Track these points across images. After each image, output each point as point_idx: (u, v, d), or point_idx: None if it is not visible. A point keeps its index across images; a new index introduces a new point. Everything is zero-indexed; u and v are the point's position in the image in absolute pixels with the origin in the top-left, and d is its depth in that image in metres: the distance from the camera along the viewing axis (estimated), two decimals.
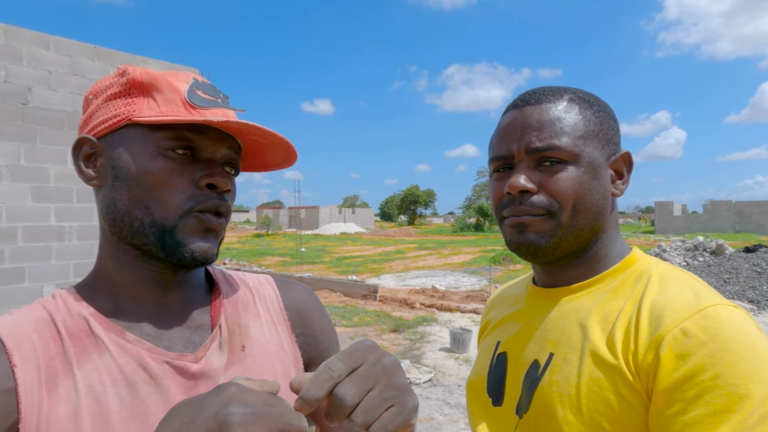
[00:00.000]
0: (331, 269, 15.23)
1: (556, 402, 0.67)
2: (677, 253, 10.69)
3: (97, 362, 0.55)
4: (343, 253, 20.82)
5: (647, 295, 0.66)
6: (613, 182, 0.76)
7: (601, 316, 0.69)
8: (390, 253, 20.53)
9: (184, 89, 0.62)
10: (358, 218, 53.86)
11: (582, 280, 0.75)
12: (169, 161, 0.59)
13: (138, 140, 0.60)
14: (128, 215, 0.60)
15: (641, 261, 0.74)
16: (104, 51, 6.14)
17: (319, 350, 0.76)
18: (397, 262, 17.37)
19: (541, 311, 0.77)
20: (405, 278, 13.14)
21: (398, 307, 8.85)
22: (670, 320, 0.61)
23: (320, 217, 48.95)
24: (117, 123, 0.61)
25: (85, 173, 0.64)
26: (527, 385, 0.72)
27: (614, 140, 0.76)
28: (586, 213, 0.72)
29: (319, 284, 10.66)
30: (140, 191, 0.59)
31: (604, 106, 0.77)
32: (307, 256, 18.81)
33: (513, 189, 0.72)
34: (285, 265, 16.14)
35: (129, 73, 0.62)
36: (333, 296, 9.79)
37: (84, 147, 0.63)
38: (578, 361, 0.67)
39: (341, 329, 7.11)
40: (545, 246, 0.72)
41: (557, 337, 0.72)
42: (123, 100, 0.62)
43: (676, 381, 0.58)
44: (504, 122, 0.78)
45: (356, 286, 10.06)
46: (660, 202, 35.87)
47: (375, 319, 7.68)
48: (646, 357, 0.61)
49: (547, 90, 0.77)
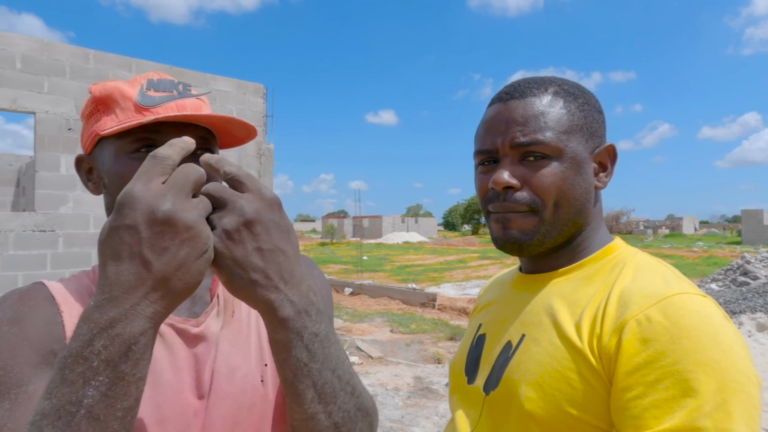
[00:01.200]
0: (391, 277, 15.35)
1: (520, 380, 0.69)
2: (763, 265, 9.85)
3: None
4: (405, 262, 20.88)
5: (618, 283, 0.68)
6: (596, 175, 0.77)
7: (573, 301, 0.71)
8: (451, 263, 20.35)
9: (134, 94, 0.67)
10: (421, 227, 53.74)
11: (562, 266, 0.77)
12: (137, 161, 0.65)
13: (109, 150, 0.67)
14: None
15: (619, 251, 0.76)
16: (179, 71, 6.65)
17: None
18: (458, 271, 17.20)
19: (521, 296, 0.80)
20: (465, 287, 13.00)
21: (457, 315, 8.78)
22: (637, 306, 0.62)
23: (383, 226, 49.34)
24: (93, 140, 0.69)
25: (88, 186, 0.73)
26: (498, 365, 0.75)
27: (598, 133, 0.77)
28: (569, 208, 0.73)
29: (378, 291, 10.79)
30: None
31: (589, 99, 0.77)
32: (368, 265, 19.05)
33: (497, 185, 0.73)
34: (347, 272, 16.45)
35: (92, 92, 0.69)
36: (392, 303, 9.88)
37: (83, 164, 0.72)
38: (546, 343, 0.69)
39: (398, 335, 7.18)
40: (528, 242, 0.74)
41: (530, 320, 0.74)
42: (94, 118, 0.69)
43: (637, 365, 0.59)
44: (489, 115, 0.78)
45: (415, 294, 10.09)
46: (748, 210, 33.02)
47: (432, 327, 7.68)
48: (610, 341, 0.62)
49: (532, 82, 0.77)
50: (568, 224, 0.74)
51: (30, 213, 5.43)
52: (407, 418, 4.20)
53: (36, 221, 5.38)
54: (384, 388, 4.93)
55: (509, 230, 0.75)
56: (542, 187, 0.72)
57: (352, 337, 6.95)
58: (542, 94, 0.75)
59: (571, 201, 0.73)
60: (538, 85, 0.76)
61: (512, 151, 0.74)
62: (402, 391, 4.87)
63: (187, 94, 0.70)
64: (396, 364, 5.74)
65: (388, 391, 4.85)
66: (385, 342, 6.81)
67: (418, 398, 4.67)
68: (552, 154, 0.72)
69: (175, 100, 0.68)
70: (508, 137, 0.73)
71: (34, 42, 5.40)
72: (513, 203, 0.73)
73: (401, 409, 4.39)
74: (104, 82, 0.70)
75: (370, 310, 9.16)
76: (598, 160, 0.77)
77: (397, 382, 5.10)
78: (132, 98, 0.67)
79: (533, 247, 0.75)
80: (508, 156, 0.74)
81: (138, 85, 0.68)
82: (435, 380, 5.16)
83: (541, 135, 0.72)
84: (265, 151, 7.44)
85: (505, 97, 0.77)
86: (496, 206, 0.76)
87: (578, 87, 0.78)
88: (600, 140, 0.77)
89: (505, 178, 0.73)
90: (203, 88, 6.80)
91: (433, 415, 4.26)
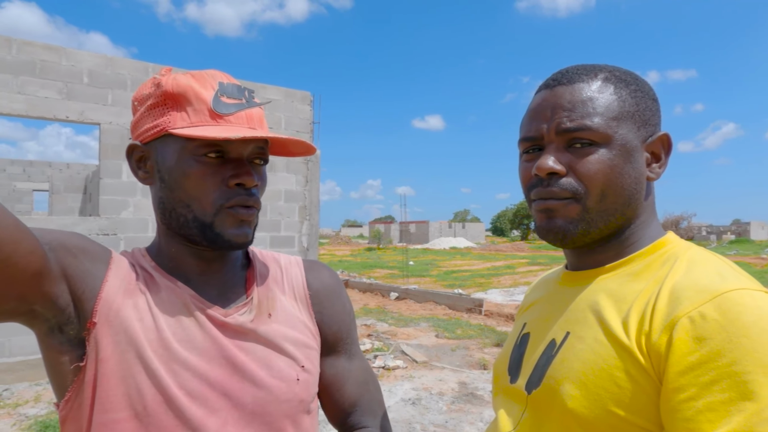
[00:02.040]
0: (437, 282, 15.25)
1: (563, 378, 0.67)
2: None
3: (155, 296, 0.71)
4: (451, 267, 20.71)
5: (670, 277, 0.64)
6: (648, 165, 0.73)
7: (620, 297, 0.67)
8: (499, 268, 20.00)
9: (209, 98, 0.69)
10: (468, 233, 53.12)
11: (609, 262, 0.73)
12: (203, 165, 0.68)
13: (175, 148, 0.69)
14: (174, 212, 0.71)
15: (672, 245, 0.71)
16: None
17: (332, 330, 0.84)
18: (506, 277, 16.87)
19: (567, 293, 0.77)
20: (513, 293, 12.74)
21: (504, 321, 8.62)
22: (689, 302, 0.58)
23: (430, 231, 49.13)
24: (157, 132, 0.70)
25: (138, 174, 0.74)
26: (542, 364, 0.73)
27: (651, 121, 0.73)
28: (616, 198, 0.70)
29: (424, 296, 10.76)
30: (181, 192, 0.69)
31: (642, 85, 0.73)
32: (414, 270, 19.02)
33: (541, 171, 0.71)
34: (393, 277, 16.49)
35: (162, 86, 0.70)
36: (438, 309, 9.82)
37: (135, 152, 0.73)
38: (591, 340, 0.66)
39: (444, 341, 7.13)
40: (573, 232, 0.71)
41: (575, 317, 0.71)
42: (160, 110, 0.70)
43: (690, 365, 0.55)
44: (535, 102, 0.76)
45: (461, 300, 9.99)
46: None
47: (478, 333, 7.57)
48: (660, 339, 0.58)
49: (581, 69, 0.74)
50: (615, 215, 0.71)
51: (95, 217, 5.80)
52: (451, 423, 4.17)
53: (100, 225, 5.73)
54: (428, 392, 4.91)
55: (553, 219, 0.72)
56: (588, 174, 0.69)
57: (397, 341, 6.96)
58: (591, 80, 0.71)
59: (619, 190, 0.70)
60: (587, 71, 0.73)
61: (558, 137, 0.71)
62: (446, 395, 4.83)
63: (253, 103, 0.72)
64: (441, 369, 5.70)
65: (432, 395, 4.83)
66: (430, 347, 6.78)
67: (462, 403, 4.62)
68: (600, 140, 0.69)
69: (244, 109, 0.71)
70: (554, 123, 0.71)
71: (99, 57, 5.78)
72: (557, 189, 0.71)
73: (445, 414, 4.36)
74: (175, 76, 0.71)
75: (416, 315, 9.14)
76: (650, 150, 0.73)
77: (442, 387, 5.07)
78: (207, 102, 0.68)
79: (578, 238, 0.72)
80: (554, 142, 0.71)
81: (210, 88, 0.70)
82: (480, 386, 5.09)
83: (588, 120, 0.69)
84: (311, 157, 7.60)
85: (552, 83, 0.74)
86: (538, 192, 0.73)
87: (630, 74, 0.74)
88: (653, 129, 0.73)
89: (549, 164, 0.70)
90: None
91: (477, 421, 4.21)
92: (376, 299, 11.17)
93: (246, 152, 0.71)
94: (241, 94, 0.72)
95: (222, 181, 0.69)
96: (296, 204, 7.39)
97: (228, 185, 0.70)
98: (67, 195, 14.16)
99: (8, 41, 5.24)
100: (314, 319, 0.83)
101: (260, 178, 0.74)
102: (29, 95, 5.30)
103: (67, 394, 0.67)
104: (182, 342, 0.69)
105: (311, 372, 0.78)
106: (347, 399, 0.85)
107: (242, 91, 0.72)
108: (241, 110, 0.71)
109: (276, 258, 0.87)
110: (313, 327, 0.82)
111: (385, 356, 5.94)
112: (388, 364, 5.64)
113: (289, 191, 7.33)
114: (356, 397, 0.86)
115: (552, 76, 0.76)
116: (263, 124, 0.74)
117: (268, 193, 7.13)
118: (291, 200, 7.35)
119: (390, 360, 5.77)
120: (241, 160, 0.71)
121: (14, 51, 5.24)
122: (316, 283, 0.85)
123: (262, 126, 0.74)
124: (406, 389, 4.97)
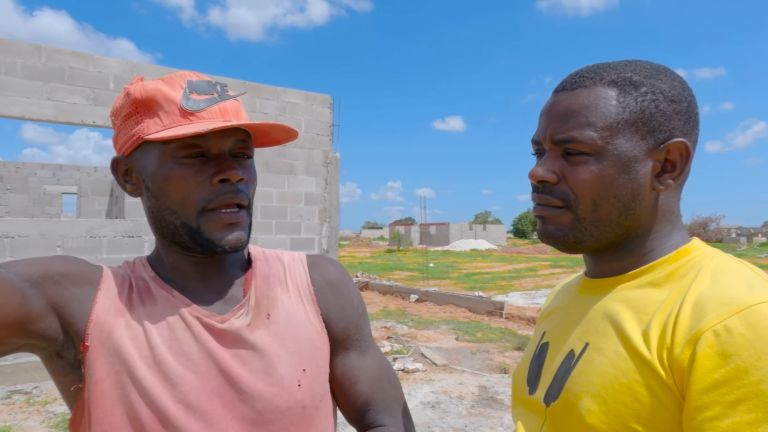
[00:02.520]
0: (458, 285, 15.17)
1: (582, 392, 0.65)
2: None
3: (149, 310, 0.70)
4: (472, 270, 20.57)
5: (694, 287, 0.61)
6: (657, 176, 0.69)
7: (640, 308, 0.65)
8: (521, 271, 19.78)
9: (178, 97, 0.67)
10: (490, 235, 52.70)
11: (628, 270, 0.71)
12: (184, 167, 0.67)
13: (154, 154, 0.68)
14: (163, 220, 0.70)
15: (696, 252, 0.68)
16: (252, 85, 7.01)
17: (340, 326, 0.82)
18: (527, 279, 16.68)
19: (586, 302, 0.75)
20: (535, 296, 12.58)
21: (525, 325, 8.52)
22: (714, 315, 0.55)
23: (450, 233, 48.90)
24: (135, 142, 0.69)
25: (126, 188, 0.73)
26: (560, 375, 0.71)
27: (664, 127, 0.68)
28: (610, 208, 0.68)
29: (443, 299, 10.71)
30: (166, 199, 0.68)
31: (657, 86, 0.68)
32: (434, 272, 18.95)
33: (532, 178, 0.72)
34: (413, 279, 16.45)
35: (132, 94, 0.69)
36: (458, 311, 9.76)
37: (120, 166, 0.72)
38: (610, 352, 0.64)
39: (464, 344, 7.08)
40: (565, 239, 0.71)
41: (594, 327, 0.69)
42: (134, 119, 0.69)
43: (714, 382, 0.53)
44: (544, 106, 0.76)
45: (481, 302, 9.91)
46: None
47: (499, 336, 7.50)
48: (682, 353, 0.56)
49: (590, 71, 0.71)
50: (612, 225, 0.69)
51: (120, 220, 5.93)
52: (471, 427, 4.13)
53: (125, 227, 5.86)
54: (448, 396, 4.88)
55: (546, 225, 0.73)
56: (577, 183, 0.69)
57: (416, 344, 6.94)
58: (594, 85, 0.69)
59: (612, 201, 0.68)
60: (593, 75, 0.70)
61: (554, 146, 0.71)
62: (466, 399, 4.79)
63: (226, 96, 0.70)
64: (461, 373, 5.66)
65: (451, 399, 4.80)
66: (450, 350, 6.74)
67: (482, 408, 4.58)
68: (590, 151, 0.67)
69: (217, 103, 0.69)
70: (548, 132, 0.71)
71: (124, 64, 5.92)
72: (548, 196, 0.71)
73: (465, 418, 4.33)
74: (143, 83, 0.69)
75: (436, 318, 9.10)
76: (660, 158, 0.69)
77: (462, 391, 5.04)
78: (176, 102, 0.67)
79: (571, 244, 0.72)
80: (552, 150, 0.72)
81: (178, 87, 0.68)
82: (501, 390, 5.04)
83: (577, 132, 0.68)
84: (331, 159, 7.65)
85: (558, 87, 0.74)
86: (533, 197, 0.75)
87: (647, 72, 0.69)
88: (665, 135, 0.68)
89: (540, 172, 0.71)
90: (271, 96, 7.11)
91: (497, 425, 4.16)
92: (396, 301, 11.15)
93: (227, 147, 0.69)
94: (212, 88, 0.70)
95: (205, 180, 0.68)
96: (316, 206, 7.44)
97: (212, 183, 0.68)
98: (95, 198, 14.54)
99: (38, 49, 5.41)
100: (321, 316, 0.80)
101: (246, 172, 0.72)
102: (58, 101, 5.45)
103: (72, 413, 0.69)
104: (177, 355, 0.68)
105: (316, 373, 0.76)
106: (360, 397, 0.82)
107: (213, 86, 0.70)
108: (213, 104, 0.69)
109: (279, 256, 0.85)
110: (319, 324, 0.79)
111: (405, 359, 5.93)
112: (408, 366, 5.63)
113: (309, 194, 7.39)
114: (369, 395, 0.82)
115: (562, 80, 0.75)
116: (240, 115, 0.72)
117: (288, 196, 7.20)
118: (311, 203, 7.40)
119: (409, 363, 5.76)
120: (222, 155, 0.69)
121: (44, 58, 5.40)
122: (320, 279, 0.83)
123: (239, 117, 0.71)
124: (425, 392, 4.95)
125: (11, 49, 5.26)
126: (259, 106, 6.94)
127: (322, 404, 0.77)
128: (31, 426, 4.04)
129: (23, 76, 5.29)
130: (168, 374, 0.66)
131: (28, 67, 5.32)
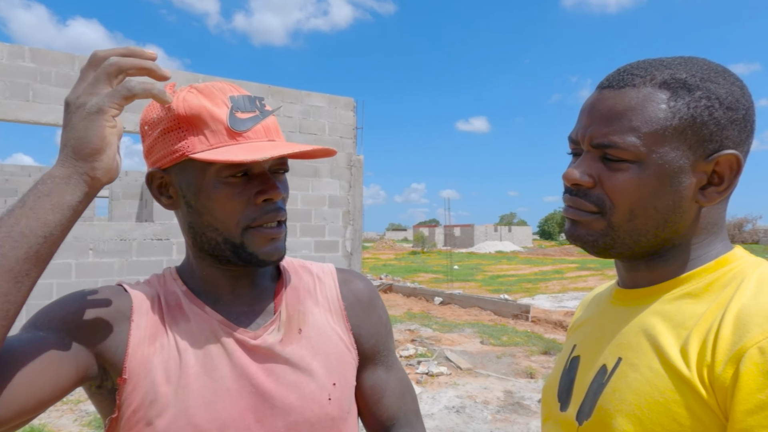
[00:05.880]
0: (483, 287, 15.02)
1: (616, 411, 0.61)
2: None
3: (182, 327, 0.71)
4: (497, 272, 20.34)
5: (736, 300, 0.58)
6: (702, 188, 0.64)
7: (678, 322, 0.61)
8: (547, 273, 19.48)
9: (225, 116, 0.67)
10: (515, 236, 52.07)
11: (663, 281, 0.67)
12: (229, 187, 0.68)
13: (198, 172, 0.68)
14: (204, 235, 0.71)
15: (738, 262, 0.64)
16: (277, 89, 7.09)
17: (370, 343, 0.84)
18: (554, 282, 16.41)
19: (618, 314, 0.71)
20: (561, 300, 12.36)
21: (551, 329, 8.38)
22: (759, 330, 0.52)
23: (475, 235, 48.52)
24: (177, 158, 0.68)
25: (162, 201, 0.73)
26: (593, 391, 0.67)
27: (715, 138, 0.62)
28: (647, 219, 0.64)
29: (468, 302, 10.61)
30: (209, 216, 0.69)
31: (714, 91, 0.62)
32: (459, 274, 18.82)
33: (566, 180, 0.69)
34: (437, 281, 16.37)
35: (174, 109, 0.67)
36: (483, 314, 9.66)
37: (155, 178, 0.72)
38: (645, 369, 0.61)
39: (488, 347, 7.00)
40: (593, 244, 0.68)
41: (628, 341, 0.66)
42: (176, 134, 0.67)
43: (760, 404, 0.50)
44: (586, 102, 0.70)
45: (507, 305, 9.78)
46: None
47: (525, 340, 7.39)
48: (725, 371, 0.53)
49: (640, 68, 0.66)
50: (647, 236, 0.66)
51: (149, 223, 6.07)
52: None
53: (155, 231, 5.99)
54: (473, 400, 4.83)
55: (576, 228, 0.70)
56: (614, 190, 0.65)
57: (441, 347, 6.89)
58: (643, 85, 0.64)
59: (651, 212, 0.64)
60: (644, 73, 0.65)
61: (592, 148, 0.67)
62: (491, 404, 4.73)
63: (266, 113, 0.71)
64: (486, 377, 5.60)
65: (476, 404, 4.74)
66: (475, 353, 6.67)
67: (508, 413, 4.51)
68: (632, 158, 0.63)
69: (259, 121, 0.69)
70: (588, 134, 0.67)
71: None
72: (583, 199, 0.67)
73: (490, 424, 4.27)
74: (184, 97, 0.68)
75: (460, 321, 9.02)
76: (706, 170, 0.64)
77: (487, 396, 4.97)
78: (223, 121, 0.67)
79: (599, 250, 0.69)
80: (589, 151, 0.67)
81: (222, 104, 0.68)
82: (527, 395, 4.95)
83: (619, 137, 0.63)
84: (355, 162, 7.67)
85: (604, 84, 0.68)
86: (566, 199, 0.70)
87: (704, 74, 0.64)
88: (715, 146, 0.63)
89: (575, 174, 0.67)
90: (295, 100, 7.17)
91: None
92: (420, 304, 11.10)
93: (267, 165, 0.71)
94: (253, 105, 0.70)
95: (249, 199, 0.69)
96: (340, 209, 7.47)
97: (255, 203, 0.70)
98: (126, 201, 14.93)
99: (71, 57, 5.58)
100: (351, 332, 0.82)
101: (284, 188, 0.74)
102: None
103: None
104: (211, 373, 0.69)
105: (344, 387, 0.77)
106: (385, 412, 0.85)
107: (254, 101, 0.71)
108: (257, 123, 0.69)
109: (308, 267, 0.86)
110: (348, 340, 0.81)
111: (429, 362, 5.89)
112: (432, 370, 5.59)
113: (333, 196, 7.42)
114: (395, 410, 0.85)
115: (608, 75, 0.69)
116: (279, 132, 0.73)
117: (312, 199, 7.24)
118: (335, 205, 7.43)
119: (434, 366, 5.72)
120: (264, 175, 0.71)
121: (77, 67, 5.56)
122: (350, 295, 0.84)
123: (278, 135, 0.73)
124: (449, 397, 4.90)
125: (46, 58, 5.44)
126: (284, 110, 7.01)
127: (349, 416, 0.78)
128: (64, 424, 4.16)
129: (57, 84, 5.46)
130: (202, 393, 0.68)
131: (62, 75, 5.49)
